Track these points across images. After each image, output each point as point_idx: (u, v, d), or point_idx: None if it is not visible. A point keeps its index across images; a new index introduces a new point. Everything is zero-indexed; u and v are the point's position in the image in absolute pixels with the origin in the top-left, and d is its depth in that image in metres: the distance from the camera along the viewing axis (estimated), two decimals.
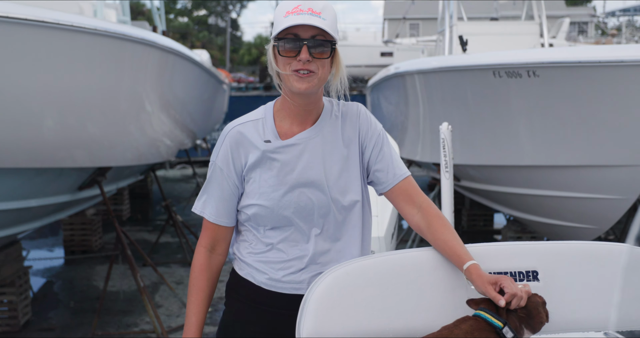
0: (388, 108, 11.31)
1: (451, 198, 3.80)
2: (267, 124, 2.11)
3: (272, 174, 2.07)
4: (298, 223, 2.08)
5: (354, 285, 1.95)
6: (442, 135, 3.83)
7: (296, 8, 1.96)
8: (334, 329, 1.91)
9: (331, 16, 2.00)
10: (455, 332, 1.87)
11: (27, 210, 5.85)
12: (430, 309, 1.97)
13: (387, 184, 2.14)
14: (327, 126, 2.12)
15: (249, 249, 2.16)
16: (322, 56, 1.99)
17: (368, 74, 23.38)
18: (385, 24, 33.05)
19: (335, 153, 2.10)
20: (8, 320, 6.37)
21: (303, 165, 2.07)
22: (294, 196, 2.06)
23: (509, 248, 2.05)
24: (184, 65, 8.22)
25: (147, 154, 7.81)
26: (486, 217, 10.71)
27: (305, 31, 1.96)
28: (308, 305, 1.92)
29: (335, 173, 2.09)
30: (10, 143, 4.97)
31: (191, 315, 2.19)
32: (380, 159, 2.14)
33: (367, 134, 2.15)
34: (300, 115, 2.10)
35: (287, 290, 2.11)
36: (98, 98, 5.79)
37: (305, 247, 2.09)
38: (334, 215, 2.09)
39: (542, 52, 6.43)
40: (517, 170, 6.84)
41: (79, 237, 9.23)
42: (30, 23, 4.52)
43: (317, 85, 2.01)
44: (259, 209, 2.08)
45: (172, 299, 7.29)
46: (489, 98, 6.50)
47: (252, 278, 2.15)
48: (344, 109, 2.17)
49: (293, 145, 2.08)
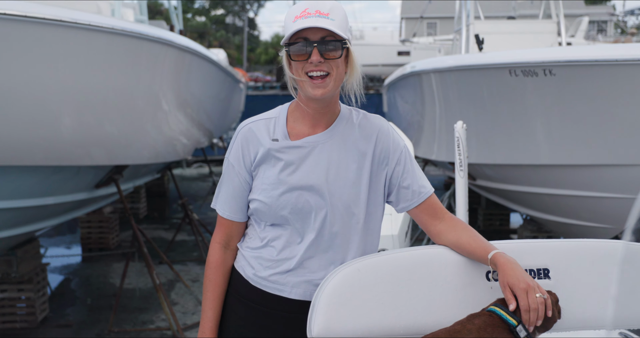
0: (404, 107, 11.30)
1: (465, 197, 3.80)
2: (279, 123, 2.12)
3: (274, 172, 2.07)
4: (294, 224, 2.07)
5: (365, 282, 1.96)
6: (457, 133, 3.83)
7: (304, 12, 1.97)
8: (345, 326, 1.92)
9: (340, 16, 2.00)
10: (468, 327, 1.87)
11: (45, 207, 5.90)
12: (442, 306, 1.98)
13: (413, 202, 2.13)
14: (339, 133, 2.11)
15: (247, 243, 2.18)
16: (334, 56, 1.99)
17: (385, 73, 23.36)
18: (403, 23, 33.01)
19: (342, 161, 2.08)
20: (26, 317, 6.43)
21: (306, 167, 2.07)
22: (292, 197, 2.05)
23: (520, 245, 2.05)
24: (200, 64, 8.26)
25: (163, 153, 7.86)
26: (502, 216, 10.67)
27: (314, 33, 1.97)
28: (319, 302, 1.93)
29: (339, 180, 2.07)
30: (28, 141, 5.02)
31: (207, 309, 2.21)
32: (405, 176, 2.12)
33: (387, 151, 2.12)
34: (313, 118, 2.10)
35: (269, 290, 2.11)
36: (115, 96, 5.83)
37: (296, 249, 2.08)
38: (330, 223, 2.07)
39: (558, 51, 6.40)
40: (534, 169, 6.81)
41: (96, 235, 9.30)
42: (48, 22, 4.56)
43: (332, 89, 2.01)
44: (259, 205, 2.09)
45: (188, 297, 7.33)
46: (505, 97, 6.48)
47: (242, 271, 2.17)
48: (364, 121, 2.15)
49: (299, 147, 2.08)
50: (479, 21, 9.57)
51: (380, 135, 2.13)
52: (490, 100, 6.78)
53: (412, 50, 24.76)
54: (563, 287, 2.00)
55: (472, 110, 7.21)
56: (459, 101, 7.55)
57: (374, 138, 2.12)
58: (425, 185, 2.15)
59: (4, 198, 5.26)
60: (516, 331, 1.85)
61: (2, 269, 6.34)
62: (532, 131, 6.42)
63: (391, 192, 2.15)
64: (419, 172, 2.17)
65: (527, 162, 6.79)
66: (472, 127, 7.12)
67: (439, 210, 2.15)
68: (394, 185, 2.13)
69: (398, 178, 2.12)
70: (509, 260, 1.93)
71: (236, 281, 2.18)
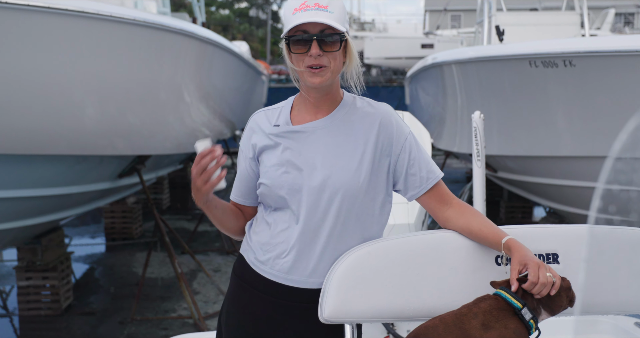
0: (426, 99, 11.29)
1: (483, 187, 3.81)
2: (283, 111, 2.17)
3: (275, 154, 2.11)
4: (292, 206, 2.09)
5: (375, 265, 2.00)
6: (475, 124, 3.83)
7: (303, 4, 1.99)
8: (356, 309, 1.96)
9: (338, 8, 2.02)
10: (474, 310, 1.90)
11: (69, 196, 6.00)
12: (450, 289, 2.01)
13: (421, 188, 2.13)
14: (340, 119, 2.13)
15: (253, 227, 2.21)
16: (333, 49, 2.01)
17: (408, 66, 23.30)
18: (427, 15, 32.86)
19: (342, 146, 2.10)
20: (50, 304, 6.54)
21: (304, 150, 2.09)
22: (289, 177, 2.07)
23: (530, 230, 2.07)
24: (222, 56, 8.32)
25: (185, 143, 7.94)
26: (525, 209, 10.62)
27: (313, 27, 1.99)
28: (330, 285, 1.97)
29: (338, 165, 2.07)
30: (52, 131, 5.11)
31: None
32: (412, 164, 2.12)
33: (391, 138, 2.12)
34: (315, 105, 2.13)
35: (266, 275, 2.12)
36: (138, 87, 5.91)
37: (292, 233, 2.09)
38: (326, 207, 2.06)
39: (578, 42, 6.37)
40: (555, 161, 6.79)
41: (120, 225, 9.42)
42: (73, 14, 4.64)
43: (330, 79, 2.04)
44: (263, 188, 2.13)
45: (210, 286, 7.41)
46: (525, 88, 6.47)
47: (246, 255, 2.20)
48: (369, 108, 2.16)
49: (299, 131, 2.11)
50: (501, 13, 9.53)
51: (384, 122, 2.13)
52: (511, 92, 6.76)
53: (436, 43, 24.68)
54: (572, 271, 2.02)
55: (493, 101, 7.20)
56: (480, 92, 7.54)
57: (376, 124, 2.12)
58: (433, 170, 2.15)
59: (30, 187, 5.36)
60: (521, 314, 1.88)
61: (28, 257, 6.45)
62: (553, 122, 6.40)
63: (398, 180, 2.15)
64: (426, 158, 2.16)
65: (548, 153, 6.77)
66: (493, 118, 7.12)
67: (447, 196, 2.16)
68: (399, 173, 2.13)
69: (404, 166, 2.12)
70: (523, 246, 1.97)
71: (241, 266, 2.22)
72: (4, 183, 5.10)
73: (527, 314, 1.88)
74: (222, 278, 7.65)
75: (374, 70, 33.58)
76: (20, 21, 4.34)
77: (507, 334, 1.87)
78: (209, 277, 7.65)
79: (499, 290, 1.93)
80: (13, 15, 4.27)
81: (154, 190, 11.41)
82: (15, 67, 4.52)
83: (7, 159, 4.94)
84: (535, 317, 1.89)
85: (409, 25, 37.17)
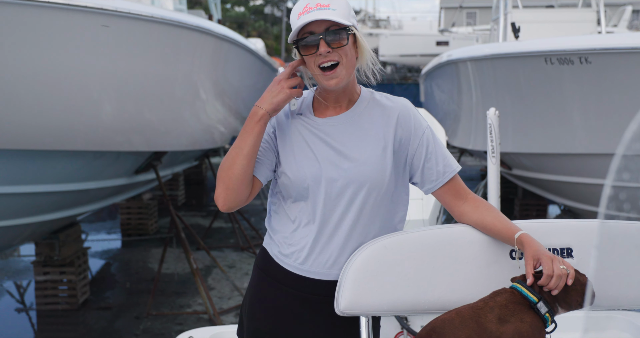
0: (441, 96, 11.28)
1: (498, 184, 3.82)
2: (306, 100, 2.21)
3: (297, 146, 2.13)
4: (313, 198, 2.11)
5: (391, 258, 2.02)
6: (489, 120, 3.84)
7: (305, 8, 2.03)
8: (371, 301, 1.99)
9: (341, 5, 2.05)
10: (490, 304, 1.92)
11: (86, 192, 6.06)
12: (465, 283, 2.03)
13: (438, 182, 2.15)
14: (360, 113, 2.16)
15: (275, 221, 2.23)
16: (341, 44, 2.03)
17: (423, 63, 23.28)
18: (442, 13, 32.71)
19: (363, 140, 2.12)
20: (68, 299, 6.62)
21: (328, 142, 2.12)
22: (313, 170, 2.10)
23: (544, 225, 2.08)
24: (238, 53, 8.36)
25: (201, 140, 7.98)
26: (539, 207, 10.58)
27: (318, 26, 2.03)
28: (346, 277, 2.00)
29: (360, 158, 2.10)
30: (71, 127, 5.16)
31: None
32: (429, 157, 2.14)
33: (409, 132, 2.14)
34: (335, 100, 2.16)
35: (290, 268, 2.15)
36: (155, 84, 5.96)
37: (315, 227, 2.11)
38: (350, 200, 2.10)
39: (593, 39, 6.35)
40: (570, 159, 6.77)
41: (136, 221, 9.48)
42: (92, 11, 4.68)
43: (345, 76, 2.06)
44: (285, 179, 2.14)
45: (224, 282, 7.45)
46: (541, 85, 6.46)
47: (269, 248, 2.23)
48: (387, 102, 2.19)
49: (322, 124, 2.14)
50: (516, 10, 9.50)
51: (402, 115, 2.15)
52: (527, 89, 6.75)
53: (451, 40, 24.60)
54: (586, 266, 2.04)
55: (508, 98, 7.19)
56: (495, 90, 7.53)
57: (395, 118, 2.15)
58: (450, 164, 2.17)
59: (48, 182, 5.42)
60: (537, 308, 1.89)
61: (45, 252, 6.53)
62: (569, 120, 6.39)
63: (415, 173, 2.18)
64: (443, 151, 2.18)
65: (563, 151, 6.76)
66: (508, 115, 7.11)
67: (463, 190, 2.18)
68: (417, 166, 2.16)
69: (421, 160, 2.15)
70: (535, 240, 1.99)
71: (264, 260, 2.24)
72: (23, 178, 5.17)
73: (543, 308, 1.89)
74: (237, 274, 7.69)
75: (389, 67, 33.52)
76: (40, 18, 4.39)
77: (523, 328, 1.89)
78: (224, 273, 7.70)
79: (515, 283, 1.95)
80: (34, 13, 4.32)
81: (170, 186, 11.48)
82: (35, 64, 4.58)
83: (26, 154, 5.00)
84: (551, 311, 1.90)
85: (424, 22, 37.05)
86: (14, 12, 4.22)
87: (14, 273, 7.95)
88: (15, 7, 4.19)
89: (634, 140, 0.98)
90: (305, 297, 2.15)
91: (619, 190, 1.09)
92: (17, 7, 4.20)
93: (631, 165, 1.04)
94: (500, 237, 2.07)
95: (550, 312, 1.90)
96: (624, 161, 1.03)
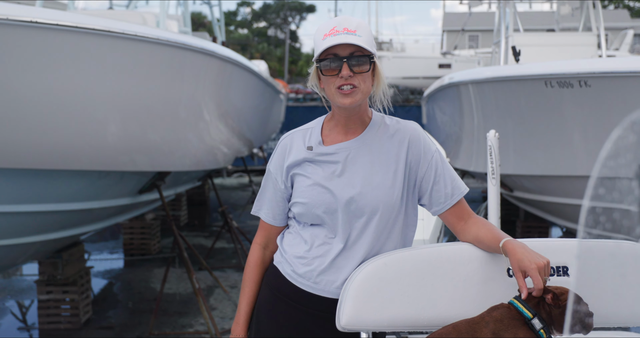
0: (442, 118, 11.35)
1: (498, 205, 3.86)
2: (314, 132, 2.26)
3: (310, 176, 2.20)
4: (329, 223, 2.19)
5: (391, 275, 2.07)
6: (489, 142, 3.89)
7: (332, 30, 2.10)
8: (372, 316, 2.03)
9: (366, 33, 2.12)
10: (486, 318, 1.96)
11: (90, 211, 6.10)
12: (464, 300, 2.07)
13: (446, 204, 2.23)
14: (371, 138, 2.22)
15: (288, 241, 2.29)
16: (362, 70, 2.10)
17: (425, 85, 23.37)
18: (444, 35, 32.98)
19: (375, 166, 2.19)
20: (70, 318, 6.63)
21: (339, 169, 2.18)
22: (326, 196, 2.16)
23: (540, 244, 2.12)
24: (242, 75, 8.43)
25: (204, 161, 8.03)
26: (541, 229, 10.58)
27: (343, 49, 2.09)
28: (347, 294, 2.05)
29: (372, 185, 2.16)
30: (75, 146, 5.22)
31: (243, 303, 2.38)
32: (437, 180, 2.21)
33: (418, 156, 2.21)
34: (345, 125, 2.22)
35: (304, 287, 2.21)
36: (159, 105, 6.02)
37: (330, 248, 2.19)
38: (364, 226, 2.17)
39: (593, 62, 6.42)
40: (571, 181, 6.81)
41: (138, 241, 9.51)
42: (97, 33, 4.76)
43: (360, 99, 2.12)
44: (299, 207, 2.22)
45: (227, 302, 7.47)
46: (541, 108, 6.52)
47: (281, 267, 2.28)
48: (397, 126, 2.25)
49: (333, 153, 2.20)
50: (517, 33, 9.60)
51: (412, 139, 2.22)
52: (527, 111, 6.81)
53: (453, 63, 24.74)
54: (582, 284, 2.07)
55: (509, 121, 7.25)
56: (496, 112, 7.59)
57: (405, 142, 2.21)
58: (458, 186, 2.24)
59: (52, 201, 5.47)
60: (531, 323, 1.93)
61: (49, 271, 6.55)
62: (569, 142, 6.44)
63: (423, 195, 2.24)
64: (451, 175, 2.25)
65: (564, 173, 6.80)
66: (509, 137, 7.17)
67: (466, 212, 2.25)
68: (425, 189, 2.23)
69: (430, 182, 2.21)
70: (518, 245, 2.02)
71: (275, 277, 2.30)
72: (27, 197, 5.21)
73: (538, 324, 1.93)
74: (239, 294, 7.70)
75: (391, 89, 33.64)
76: (47, 40, 4.47)
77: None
78: (226, 293, 7.71)
79: (513, 299, 1.99)
80: (41, 34, 4.40)
81: (172, 206, 11.52)
82: (41, 84, 4.64)
83: (31, 173, 5.05)
84: (546, 328, 1.93)
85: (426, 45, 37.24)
86: (22, 34, 4.29)
87: (16, 292, 7.97)
88: (23, 29, 4.26)
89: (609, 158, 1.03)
90: (317, 314, 2.20)
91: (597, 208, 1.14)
92: (25, 29, 4.27)
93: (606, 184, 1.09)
94: (491, 248, 2.12)
95: (545, 328, 1.93)
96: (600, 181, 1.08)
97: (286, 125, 17.13)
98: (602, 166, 1.05)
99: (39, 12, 4.38)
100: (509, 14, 9.59)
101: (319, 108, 21.94)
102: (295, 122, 19.91)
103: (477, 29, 34.10)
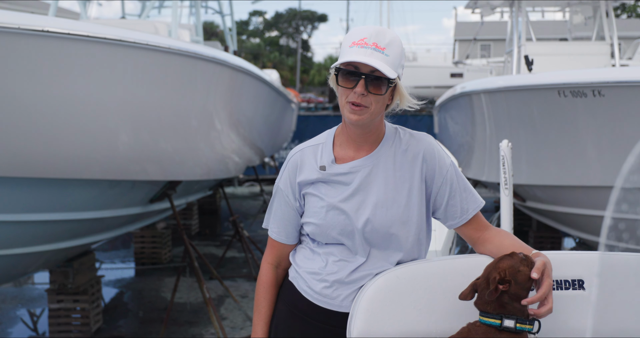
0: (454, 128, 11.31)
1: (510, 215, 3.82)
2: (325, 148, 2.18)
3: (323, 197, 2.15)
4: (346, 242, 2.14)
5: (403, 288, 2.04)
6: (502, 152, 3.86)
7: (362, 40, 1.99)
8: (383, 329, 2.00)
9: (395, 52, 2.01)
10: (471, 332, 1.95)
11: (101, 220, 6.10)
12: (476, 313, 2.03)
13: (462, 219, 2.17)
14: (384, 155, 2.15)
15: (302, 257, 2.25)
16: (378, 92, 2.01)
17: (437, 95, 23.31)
18: (456, 45, 32.93)
19: (390, 184, 2.13)
20: (80, 327, 6.62)
21: (353, 190, 2.12)
22: (340, 218, 2.12)
23: (556, 256, 2.09)
24: (253, 84, 8.44)
25: (215, 170, 8.03)
26: (554, 239, 10.50)
27: (365, 65, 1.98)
28: (359, 306, 2.02)
29: (387, 202, 2.12)
30: (87, 155, 5.23)
31: (258, 325, 2.30)
32: (453, 195, 2.15)
33: (433, 170, 2.15)
34: (356, 141, 2.15)
35: (320, 303, 2.17)
36: (171, 114, 6.02)
37: (347, 265, 2.14)
38: (379, 243, 2.13)
39: (606, 72, 6.37)
40: (585, 191, 6.75)
41: (149, 250, 9.51)
42: (110, 42, 4.78)
43: (368, 119, 2.04)
44: (313, 227, 2.17)
45: (237, 312, 7.44)
46: (554, 118, 6.47)
47: (296, 283, 2.24)
48: (411, 140, 2.18)
49: (346, 173, 2.14)
50: (530, 43, 9.55)
51: (427, 154, 2.15)
52: (540, 121, 6.77)
53: (465, 72, 24.71)
54: (598, 298, 2.04)
55: (522, 130, 7.21)
56: (509, 122, 7.55)
57: (420, 157, 2.15)
58: (474, 200, 2.18)
59: (64, 210, 5.47)
60: (505, 327, 1.90)
61: (59, 280, 6.55)
62: (583, 152, 6.39)
63: (438, 209, 2.19)
64: (467, 188, 2.19)
65: (577, 183, 6.74)
66: (522, 147, 7.12)
67: (483, 224, 2.20)
68: (440, 203, 2.17)
69: (445, 198, 2.15)
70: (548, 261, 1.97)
71: (291, 294, 2.25)
72: (39, 206, 5.22)
73: (510, 322, 1.90)
74: (250, 304, 7.68)
75: None
76: (60, 49, 4.48)
77: None
78: (237, 303, 7.69)
79: (480, 316, 1.96)
80: (54, 44, 4.41)
81: (183, 216, 11.52)
82: (53, 94, 4.66)
83: (42, 182, 5.05)
84: (520, 319, 1.90)
85: (438, 54, 37.21)
86: (35, 43, 4.31)
87: (27, 301, 7.98)
88: (36, 38, 4.28)
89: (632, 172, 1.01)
90: (334, 330, 2.17)
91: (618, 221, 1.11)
92: (37, 39, 4.29)
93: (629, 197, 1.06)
94: None
95: (519, 320, 1.90)
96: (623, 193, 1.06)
97: (297, 134, 17.12)
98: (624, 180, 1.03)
99: (51, 22, 4.40)
100: (521, 23, 9.56)
101: (330, 117, 21.95)
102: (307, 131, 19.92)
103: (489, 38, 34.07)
